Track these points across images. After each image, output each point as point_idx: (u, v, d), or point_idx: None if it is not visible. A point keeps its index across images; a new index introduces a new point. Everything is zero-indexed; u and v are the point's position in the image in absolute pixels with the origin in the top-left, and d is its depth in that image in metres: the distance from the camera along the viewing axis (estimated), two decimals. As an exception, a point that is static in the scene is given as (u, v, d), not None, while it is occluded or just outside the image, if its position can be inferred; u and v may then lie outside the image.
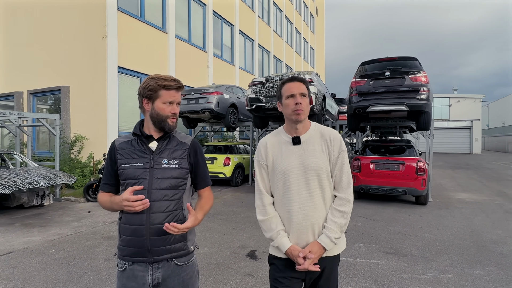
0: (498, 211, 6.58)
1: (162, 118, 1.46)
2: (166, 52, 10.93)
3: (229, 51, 15.50)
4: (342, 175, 1.54)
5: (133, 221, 1.43)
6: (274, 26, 20.95)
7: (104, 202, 1.51)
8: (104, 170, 1.56)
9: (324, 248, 1.48)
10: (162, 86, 1.43)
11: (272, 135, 1.66)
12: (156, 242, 1.43)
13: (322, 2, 34.72)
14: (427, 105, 6.41)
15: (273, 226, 1.54)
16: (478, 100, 35.34)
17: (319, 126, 1.63)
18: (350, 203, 1.53)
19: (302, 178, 1.51)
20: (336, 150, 1.54)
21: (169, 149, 1.51)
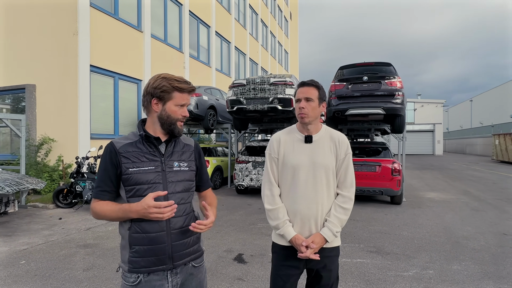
0: (465, 209, 7.03)
1: (173, 121, 1.39)
2: (142, 51, 10.58)
3: (205, 53, 15.32)
4: (347, 175, 1.68)
5: (151, 228, 1.33)
6: (250, 29, 21.04)
7: (106, 211, 1.34)
8: (99, 176, 1.38)
9: (326, 240, 1.62)
10: (176, 88, 1.37)
11: (285, 132, 1.79)
12: (178, 247, 1.38)
13: (296, 7, 35.42)
14: (402, 108, 6.72)
15: (280, 215, 1.67)
16: (440, 105, 37.71)
17: (329, 129, 1.77)
18: (352, 201, 1.67)
19: (310, 173, 1.64)
20: (343, 152, 1.68)
21: (177, 151, 1.46)
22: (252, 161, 8.12)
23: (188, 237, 1.41)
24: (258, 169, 8.03)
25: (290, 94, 7.22)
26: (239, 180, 8.26)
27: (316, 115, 1.67)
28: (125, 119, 9.97)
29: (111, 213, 1.33)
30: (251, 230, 5.27)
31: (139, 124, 1.46)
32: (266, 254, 4.09)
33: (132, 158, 1.37)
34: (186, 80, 1.41)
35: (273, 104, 7.22)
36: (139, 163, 1.36)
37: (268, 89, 7.31)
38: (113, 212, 1.33)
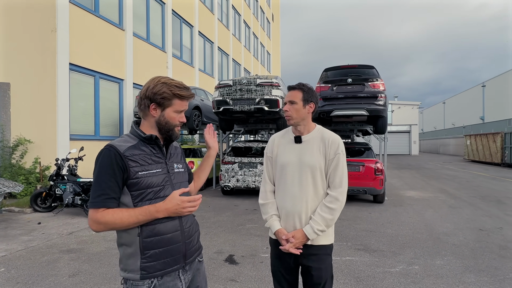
0: (443, 206, 7.34)
1: (171, 127, 1.38)
2: (123, 50, 10.31)
3: (188, 53, 15.15)
4: (335, 175, 1.70)
5: (167, 229, 1.32)
6: (233, 30, 21.01)
7: (123, 218, 1.23)
8: (104, 183, 1.25)
9: (307, 237, 1.66)
10: (177, 96, 1.36)
11: (281, 132, 1.90)
12: (189, 244, 1.42)
13: (278, 9, 35.72)
14: (384, 110, 6.94)
15: (269, 210, 1.79)
16: (415, 107, 39.18)
17: (322, 130, 1.82)
18: (339, 201, 1.68)
19: (296, 172, 1.72)
20: (332, 152, 1.71)
21: (173, 153, 1.49)
22: (238, 162, 8.10)
23: (195, 233, 1.46)
24: (244, 170, 8.03)
25: (277, 95, 7.28)
26: (225, 181, 8.22)
27: (302, 116, 1.74)
28: (106, 120, 9.68)
29: (128, 219, 1.23)
30: (240, 231, 5.26)
31: (136, 126, 1.40)
32: (257, 255, 4.10)
33: (140, 161, 1.31)
34: (186, 86, 1.40)
35: (260, 105, 7.25)
36: (147, 165, 1.32)
37: (255, 90, 7.33)
38: (131, 217, 1.23)
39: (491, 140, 21.93)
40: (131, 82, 10.55)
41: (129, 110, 10.35)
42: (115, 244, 4.49)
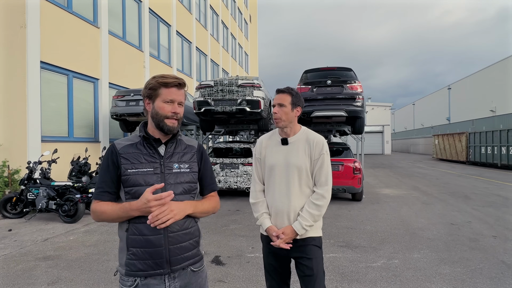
0: (417, 203, 7.72)
1: (161, 118, 1.35)
2: (98, 48, 9.96)
3: (166, 52, 14.87)
4: (321, 174, 1.80)
5: (148, 231, 1.30)
6: (211, 30, 20.87)
7: (107, 211, 1.31)
8: (100, 177, 1.37)
9: (296, 232, 1.76)
10: (161, 84, 1.36)
11: (268, 135, 1.97)
12: (175, 251, 1.34)
13: (255, 11, 35.89)
14: (362, 111, 7.19)
15: (259, 208, 1.88)
16: (388, 108, 40.76)
17: (307, 131, 1.90)
18: (324, 198, 1.78)
19: (284, 172, 1.81)
20: (317, 153, 1.80)
21: (178, 152, 1.44)
22: (220, 163, 8.07)
23: (187, 240, 1.37)
24: (225, 171, 8.01)
25: (258, 96, 7.33)
26: (206, 182, 8.14)
27: (290, 119, 1.82)
28: (80, 121, 9.31)
29: (111, 213, 1.31)
30: (224, 232, 5.25)
31: (141, 126, 1.45)
32: (243, 255, 4.12)
33: (131, 159, 1.35)
34: (176, 76, 1.39)
35: (242, 105, 7.27)
36: (137, 164, 1.35)
37: (236, 91, 7.34)
38: (113, 212, 1.31)
39: (457, 140, 23.26)
40: (106, 82, 10.21)
41: (105, 110, 10.01)
42: (95, 249, 4.34)
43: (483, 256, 4.08)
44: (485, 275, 3.50)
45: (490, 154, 19.37)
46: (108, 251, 4.27)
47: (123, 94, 8.52)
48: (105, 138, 9.99)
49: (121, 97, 8.45)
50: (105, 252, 4.22)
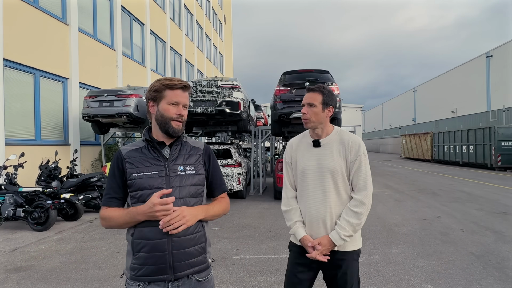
0: (390, 200, 8.08)
1: (166, 120, 1.34)
2: (68, 46, 9.47)
3: (139, 51, 14.44)
4: (359, 177, 1.64)
5: (152, 235, 1.28)
6: (185, 30, 20.54)
7: (114, 217, 1.31)
8: (108, 183, 1.39)
9: (334, 243, 1.60)
10: (166, 86, 1.35)
11: (299, 137, 1.84)
12: (179, 256, 1.30)
13: (229, 11, 35.81)
14: (339, 112, 7.41)
15: (292, 216, 1.73)
16: (359, 109, 42.28)
17: (341, 131, 1.74)
18: (364, 205, 1.62)
19: (317, 177, 1.67)
20: (353, 154, 1.65)
21: (183, 155, 1.41)
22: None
23: (192, 246, 1.33)
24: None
25: (238, 97, 7.33)
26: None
27: (320, 119, 1.69)
28: (48, 122, 8.80)
29: (118, 218, 1.31)
30: (206, 234, 5.19)
31: (145, 130, 1.45)
32: (228, 257, 4.10)
33: (136, 163, 1.35)
34: (180, 79, 1.39)
35: (221, 107, 7.22)
36: (142, 167, 1.34)
37: (216, 92, 7.29)
38: (120, 217, 1.30)
39: (422, 139, 24.61)
40: (77, 82, 9.73)
41: (75, 111, 9.52)
42: (71, 258, 4.13)
43: (454, 249, 4.35)
44: (457, 266, 3.74)
45: (452, 153, 20.68)
46: (86, 259, 4.08)
47: (96, 94, 8.16)
48: (76, 141, 9.52)
49: (94, 98, 8.09)
50: (82, 260, 4.02)
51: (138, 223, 1.30)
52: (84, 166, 9.95)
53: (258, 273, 3.58)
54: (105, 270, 3.69)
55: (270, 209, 7.09)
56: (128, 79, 12.74)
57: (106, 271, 3.67)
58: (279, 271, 3.62)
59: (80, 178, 6.55)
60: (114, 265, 3.85)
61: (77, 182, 6.42)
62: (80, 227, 5.72)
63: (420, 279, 3.39)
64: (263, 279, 3.43)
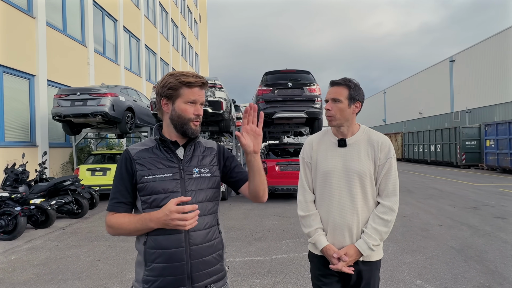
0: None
1: (184, 121, 1.24)
2: (34, 41, 8.85)
3: (112, 49, 13.84)
4: (388, 182, 1.50)
5: (169, 244, 1.17)
6: (160, 28, 19.99)
7: (124, 224, 1.18)
8: (115, 187, 1.25)
9: (360, 253, 1.47)
10: (183, 83, 1.22)
11: (319, 134, 1.67)
12: (198, 266, 1.20)
13: (204, 10, 35.38)
14: (320, 113, 7.50)
15: (312, 223, 1.57)
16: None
17: (368, 130, 1.60)
18: (394, 212, 1.49)
19: (343, 180, 1.51)
20: (383, 157, 1.51)
21: (197, 155, 1.30)
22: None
23: (210, 254, 1.24)
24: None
25: (220, 97, 7.19)
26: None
27: (346, 116, 1.53)
28: (12, 122, 8.16)
29: (128, 225, 1.18)
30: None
31: (156, 128, 1.32)
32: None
33: (147, 165, 1.23)
34: (197, 74, 1.28)
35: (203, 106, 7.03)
36: (154, 170, 1.22)
37: (197, 91, 7.09)
38: (131, 224, 1.18)
39: (393, 139, 25.68)
40: (45, 79, 9.12)
41: (43, 111, 8.91)
42: (46, 268, 3.82)
43: (435, 244, 4.52)
44: (441, 260, 3.88)
45: (421, 152, 21.75)
46: (63, 269, 3.79)
47: (67, 92, 7.69)
48: (44, 142, 8.91)
49: (65, 96, 7.61)
50: (59, 271, 3.73)
51: (150, 231, 1.18)
52: (54, 169, 9.34)
53: (250, 276, 3.50)
54: (86, 280, 3.44)
55: (254, 210, 7.02)
56: (101, 77, 12.16)
57: (87, 281, 3.42)
58: (271, 273, 3.56)
59: (51, 182, 6.12)
60: (96, 274, 3.61)
61: (48, 186, 6.00)
62: (53, 235, 5.33)
63: (409, 275, 3.47)
64: (257, 282, 3.36)
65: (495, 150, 14.62)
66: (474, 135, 17.50)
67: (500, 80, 20.27)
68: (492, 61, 21.01)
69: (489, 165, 15.34)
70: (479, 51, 22.40)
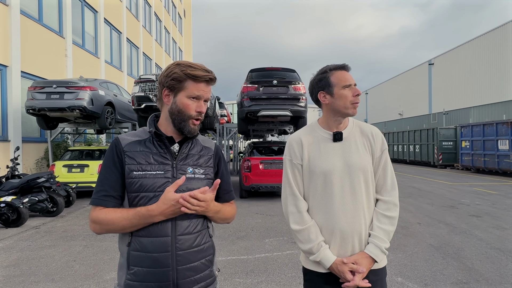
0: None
1: (184, 117, 1.15)
2: (7, 29, 8.38)
3: (92, 41, 13.34)
4: (386, 175, 1.37)
5: (154, 247, 1.09)
6: (143, 21, 19.48)
7: (116, 219, 1.08)
8: (102, 178, 1.14)
9: (373, 260, 1.28)
10: (189, 76, 1.13)
11: (305, 130, 1.46)
12: (184, 272, 1.12)
13: (189, 6, 34.81)
14: (305, 111, 7.53)
15: (312, 236, 1.31)
16: (316, 109, 43.88)
17: (357, 122, 1.46)
18: (397, 207, 1.35)
19: (346, 179, 1.32)
20: (379, 148, 1.38)
21: (193, 154, 1.21)
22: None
23: (199, 260, 1.16)
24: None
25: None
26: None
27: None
28: (-18, 115, 7.70)
29: (122, 221, 1.08)
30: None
31: (151, 119, 1.22)
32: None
33: (137, 159, 1.14)
34: (205, 67, 1.17)
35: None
36: (145, 165, 1.13)
37: (181, 87, 6.94)
38: (125, 220, 1.08)
39: (374, 139, 26.25)
40: (18, 70, 8.66)
41: (16, 104, 8.47)
42: (16, 270, 3.61)
43: (415, 241, 4.62)
44: (421, 258, 3.96)
45: (401, 152, 22.35)
46: (35, 270, 3.59)
47: (43, 85, 7.33)
48: (17, 137, 8.47)
49: (40, 89, 7.25)
50: (31, 272, 3.53)
51: (136, 232, 1.10)
52: (27, 165, 8.90)
53: (233, 275, 3.44)
54: (59, 282, 3.27)
55: (237, 208, 6.95)
56: (80, 70, 11.70)
57: (61, 283, 3.25)
58: (255, 272, 3.52)
59: (24, 179, 5.82)
60: (71, 275, 3.44)
61: (21, 183, 5.70)
62: (25, 234, 5.06)
63: (390, 272, 3.51)
64: (239, 281, 3.30)
65: (470, 151, 15.23)
66: (450, 136, 18.15)
67: (475, 83, 21.14)
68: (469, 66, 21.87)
69: (464, 165, 15.96)
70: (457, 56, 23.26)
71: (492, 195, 8.62)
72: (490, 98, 19.78)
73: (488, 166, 14.07)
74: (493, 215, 6.23)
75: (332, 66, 1.39)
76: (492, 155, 13.75)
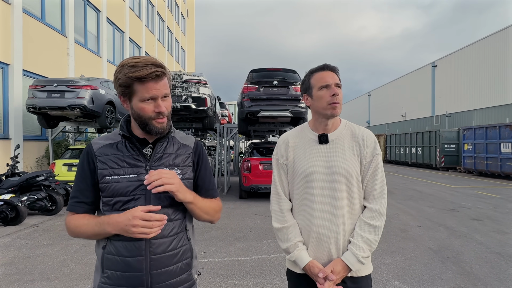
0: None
1: (145, 120, 1.09)
2: (9, 28, 8.41)
3: (94, 40, 13.38)
4: (375, 182, 1.32)
5: (127, 251, 1.07)
6: (146, 21, 19.53)
7: (82, 226, 1.09)
8: (75, 184, 1.14)
9: (349, 268, 1.26)
10: (134, 79, 1.03)
11: (295, 131, 1.44)
12: (159, 277, 1.09)
13: (192, 6, 34.87)
14: (306, 112, 7.49)
15: (290, 236, 1.33)
16: (318, 111, 43.81)
17: (350, 124, 1.41)
18: (382, 216, 1.30)
19: (327, 183, 1.31)
20: (369, 153, 1.33)
21: (169, 154, 1.16)
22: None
23: (175, 263, 1.12)
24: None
25: (204, 93, 7.06)
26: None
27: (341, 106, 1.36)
28: (-16, 113, 7.73)
29: (86, 228, 1.08)
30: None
31: (123, 121, 1.18)
32: (196, 261, 3.87)
33: (109, 163, 1.11)
34: (149, 61, 1.05)
35: (187, 102, 6.89)
36: (117, 169, 1.10)
37: (181, 87, 6.94)
38: (88, 226, 1.08)
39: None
40: (20, 69, 8.70)
41: (17, 102, 8.50)
42: (12, 268, 3.61)
43: (414, 245, 4.57)
44: (419, 262, 3.92)
45: (403, 154, 22.25)
46: (31, 269, 3.58)
47: (44, 83, 7.34)
48: (18, 135, 8.50)
49: (41, 87, 7.26)
50: (27, 271, 3.52)
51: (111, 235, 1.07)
52: (28, 164, 8.93)
53: (229, 277, 3.42)
54: (54, 281, 3.26)
55: (236, 209, 6.93)
56: (81, 69, 11.73)
57: (56, 282, 3.25)
58: (251, 274, 3.49)
59: (23, 177, 5.83)
60: (66, 275, 3.43)
61: (20, 181, 5.71)
62: (23, 232, 5.07)
63: (388, 276, 3.48)
64: (235, 283, 3.28)
65: (472, 153, 15.12)
66: (453, 138, 18.03)
67: (478, 86, 21.00)
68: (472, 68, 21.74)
69: (467, 168, 15.85)
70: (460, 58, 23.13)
71: (493, 199, 8.54)
72: (493, 101, 19.65)
73: (490, 169, 13.97)
74: (494, 219, 6.17)
75: (314, 68, 1.38)
76: (494, 158, 13.65)
